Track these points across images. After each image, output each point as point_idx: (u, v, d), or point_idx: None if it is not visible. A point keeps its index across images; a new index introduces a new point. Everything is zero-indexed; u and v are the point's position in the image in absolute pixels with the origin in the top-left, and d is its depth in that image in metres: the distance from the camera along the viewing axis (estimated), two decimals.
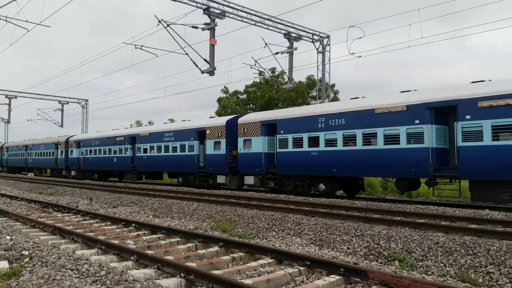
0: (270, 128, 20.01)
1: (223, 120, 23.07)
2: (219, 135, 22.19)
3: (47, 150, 41.60)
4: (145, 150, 27.71)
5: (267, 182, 19.87)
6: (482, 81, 13.77)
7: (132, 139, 29.19)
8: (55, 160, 40.05)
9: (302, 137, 18.17)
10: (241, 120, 21.47)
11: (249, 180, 20.83)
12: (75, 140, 36.58)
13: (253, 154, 20.29)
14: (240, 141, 21.02)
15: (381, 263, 7.88)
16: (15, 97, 46.52)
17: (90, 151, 33.97)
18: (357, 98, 17.41)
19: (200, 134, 23.65)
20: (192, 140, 23.96)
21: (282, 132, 19.08)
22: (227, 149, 21.72)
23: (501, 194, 12.72)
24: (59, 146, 39.34)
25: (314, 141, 17.74)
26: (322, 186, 17.68)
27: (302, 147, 18.11)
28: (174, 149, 25.16)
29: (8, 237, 8.32)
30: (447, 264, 7.50)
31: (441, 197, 18.49)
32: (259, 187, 20.90)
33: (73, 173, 37.02)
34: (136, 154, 28.49)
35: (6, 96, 46.00)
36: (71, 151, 36.79)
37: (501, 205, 13.83)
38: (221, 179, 22.28)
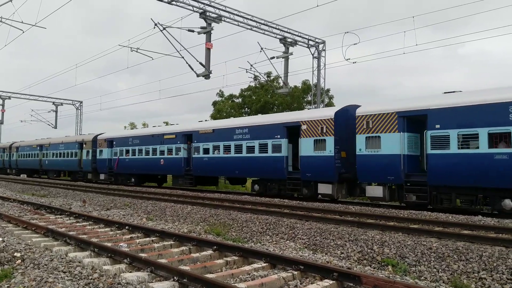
0: (412, 122, 15.20)
1: (329, 112, 17.92)
2: (323, 131, 17.33)
3: (68, 151, 36.13)
4: (206, 151, 22.72)
5: (407, 195, 14.85)
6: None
7: (187, 137, 24.34)
8: (79, 162, 34.62)
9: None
10: (363, 111, 16.35)
11: (373, 191, 15.99)
12: (107, 139, 31.16)
13: (384, 157, 15.42)
14: (361, 138, 16.09)
15: (374, 268, 7.90)
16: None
17: (127, 151, 28.82)
18: None
19: (290, 130, 18.93)
20: (278, 138, 19.06)
21: (438, 127, 13.91)
22: (336, 149, 17.04)
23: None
24: (84, 145, 33.93)
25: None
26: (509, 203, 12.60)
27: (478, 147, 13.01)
28: (250, 149, 20.28)
29: (0, 239, 8.24)
30: (440, 270, 7.53)
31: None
32: (389, 201, 16.07)
33: (102, 176, 31.68)
34: (193, 155, 23.47)
35: None
36: (100, 151, 31.52)
37: (493, 212, 13.93)
38: (325, 188, 17.36)
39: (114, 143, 30.44)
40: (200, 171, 23.39)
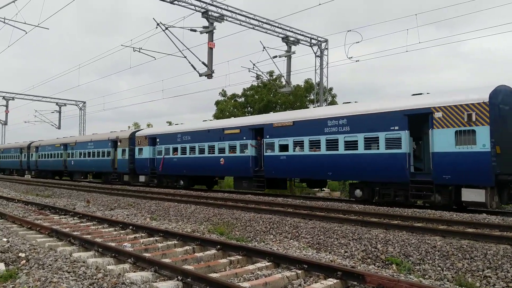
0: None
1: (480, 93, 13.51)
2: (471, 119, 13.29)
3: (99, 150, 32.21)
4: (283, 147, 18.89)
5: None
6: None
7: (255, 132, 20.62)
8: (112, 162, 30.54)
9: None
10: None
11: None
12: (148, 135, 27.24)
13: None
14: None
15: (378, 266, 7.89)
16: (13, 98, 46.40)
17: (175, 149, 24.91)
18: None
19: (412, 119, 14.88)
20: (395, 130, 14.99)
21: None
22: (492, 143, 12.98)
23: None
24: (118, 143, 29.94)
25: None
26: None
27: None
28: (351, 144, 16.31)
29: (5, 239, 8.27)
30: (444, 268, 7.51)
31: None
32: None
33: (142, 178, 28.01)
34: (265, 153, 19.57)
35: (3, 97, 45.86)
36: (140, 149, 27.60)
37: (498, 210, 13.88)
38: (473, 194, 13.24)
39: (157, 140, 26.39)
40: (275, 172, 19.35)
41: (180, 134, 24.95)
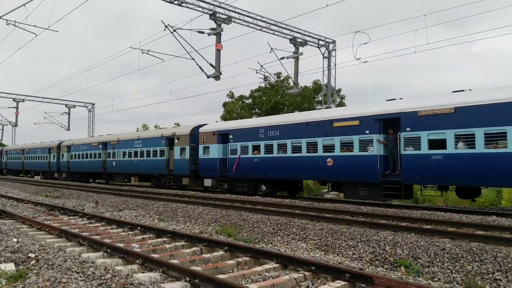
0: None
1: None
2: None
3: (150, 148, 27.58)
4: (438, 144, 13.97)
5: None
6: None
7: (382, 124, 15.80)
8: (166, 163, 26.02)
9: None
10: None
11: None
12: (218, 131, 22.64)
13: None
14: None
15: (387, 269, 7.84)
16: (23, 100, 46.92)
17: (256, 147, 20.45)
18: None
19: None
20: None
21: None
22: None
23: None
24: (175, 141, 25.38)
25: None
26: None
27: None
28: None
29: (15, 240, 8.36)
30: (454, 271, 7.44)
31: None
32: None
33: (208, 182, 23.36)
34: (404, 151, 14.75)
35: (13, 99, 46.40)
36: (205, 148, 23.23)
37: (507, 212, 13.72)
38: None
39: (230, 137, 21.75)
40: (423, 176, 14.46)
41: (263, 128, 20.16)
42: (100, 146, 33.42)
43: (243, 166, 21.01)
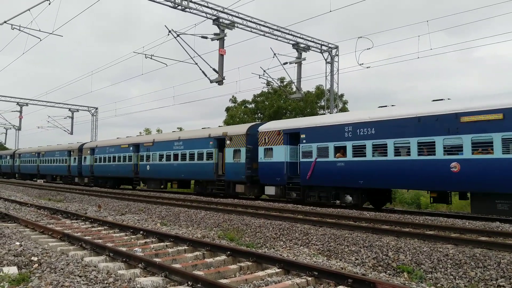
0: None
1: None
2: None
3: (193, 151, 24.18)
4: None
5: None
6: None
7: None
8: (215, 167, 22.74)
9: None
10: None
11: None
12: (285, 130, 19.34)
13: None
14: None
15: (389, 274, 7.81)
16: (26, 104, 47.13)
17: (338, 149, 17.03)
18: None
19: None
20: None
21: None
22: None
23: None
24: (227, 142, 22.10)
25: None
26: None
27: None
28: None
29: (18, 243, 8.38)
30: (457, 277, 7.41)
31: None
32: None
33: (270, 190, 19.88)
34: None
35: (17, 103, 46.63)
36: (267, 150, 19.89)
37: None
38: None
39: (302, 136, 18.43)
40: None
41: (350, 126, 16.71)
42: (131, 148, 30.05)
43: (320, 171, 17.53)
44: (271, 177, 19.68)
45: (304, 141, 18.41)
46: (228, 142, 22.12)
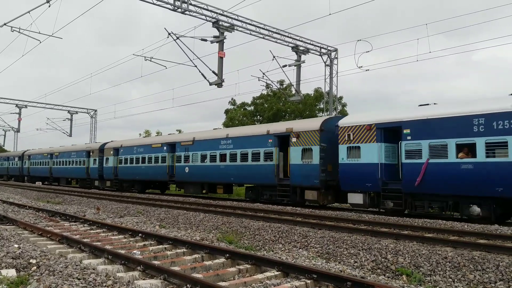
0: None
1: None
2: None
3: (245, 150, 20.83)
4: None
5: None
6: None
7: None
8: (275, 169, 19.19)
9: None
10: None
11: None
12: (378, 124, 15.83)
13: None
14: None
15: (388, 277, 7.81)
16: (25, 106, 47.17)
17: (461, 147, 13.63)
18: None
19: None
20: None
21: None
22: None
23: None
24: (293, 139, 18.68)
25: None
26: None
27: None
28: None
29: (16, 245, 8.36)
30: (456, 280, 7.41)
31: None
32: None
33: (356, 198, 16.28)
34: None
35: (16, 105, 46.66)
36: (351, 149, 16.47)
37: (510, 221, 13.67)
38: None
39: (406, 131, 14.80)
40: None
41: (482, 118, 13.12)
42: (165, 147, 26.64)
43: (435, 175, 14.02)
44: (357, 182, 16.12)
45: (409, 137, 14.82)
46: (294, 139, 18.70)
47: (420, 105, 15.39)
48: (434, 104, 15.22)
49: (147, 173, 28.21)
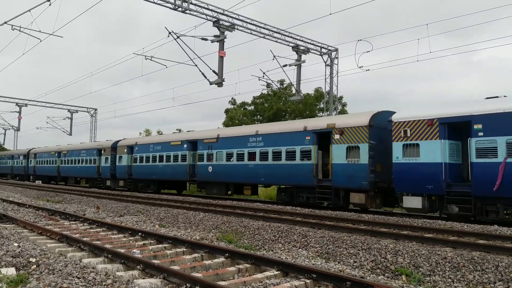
0: None
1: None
2: None
3: (278, 148, 19.27)
4: None
5: None
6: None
7: None
8: (313, 169, 17.62)
9: None
10: None
11: None
12: (441, 118, 14.25)
13: None
14: None
15: (388, 277, 7.81)
16: (25, 105, 47.19)
17: None
18: None
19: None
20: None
21: None
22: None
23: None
24: (335, 136, 17.09)
25: None
26: None
27: None
28: None
29: (16, 244, 8.37)
30: (455, 280, 7.41)
31: None
32: None
33: (413, 202, 14.66)
34: None
35: (16, 104, 46.70)
36: (407, 146, 14.96)
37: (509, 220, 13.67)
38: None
39: (477, 127, 13.35)
40: None
41: None
42: (185, 145, 25.09)
43: None
44: (415, 184, 14.57)
45: (481, 133, 13.25)
46: (336, 136, 17.03)
47: (488, 98, 14.00)
48: (504, 96, 13.73)
49: (165, 172, 26.62)
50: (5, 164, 55.66)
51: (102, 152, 33.54)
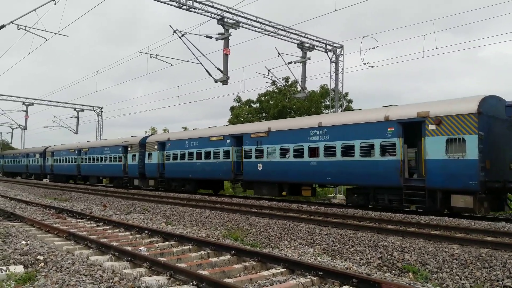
0: None
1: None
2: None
3: (348, 142, 16.79)
4: None
5: None
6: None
7: None
8: (400, 167, 14.92)
9: None
10: None
11: None
12: None
13: None
14: None
15: (394, 274, 7.79)
16: (32, 104, 47.46)
17: None
18: None
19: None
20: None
21: None
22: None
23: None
24: (429, 126, 14.28)
25: None
26: None
27: None
28: None
29: (24, 242, 8.44)
30: (463, 277, 7.37)
31: None
32: None
33: None
34: None
35: (23, 103, 46.96)
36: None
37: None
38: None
39: None
40: None
41: None
42: (228, 140, 22.72)
43: None
44: None
45: None
46: (432, 127, 14.26)
47: None
48: None
49: (203, 170, 24.15)
50: (19, 163, 53.81)
51: (129, 149, 31.10)
